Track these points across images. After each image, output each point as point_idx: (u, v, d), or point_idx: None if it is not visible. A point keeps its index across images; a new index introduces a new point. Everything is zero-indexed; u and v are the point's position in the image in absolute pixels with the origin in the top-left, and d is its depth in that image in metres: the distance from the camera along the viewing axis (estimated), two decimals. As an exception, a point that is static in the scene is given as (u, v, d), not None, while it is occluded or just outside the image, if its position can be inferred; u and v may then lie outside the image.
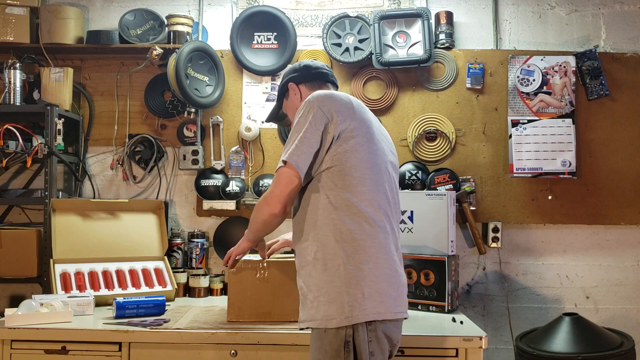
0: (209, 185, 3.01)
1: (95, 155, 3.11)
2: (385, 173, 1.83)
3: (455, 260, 2.60)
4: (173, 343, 2.11)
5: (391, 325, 1.74)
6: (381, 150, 1.84)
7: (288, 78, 2.06)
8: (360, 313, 1.68)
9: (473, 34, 3.08)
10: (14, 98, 2.85)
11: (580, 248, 3.00)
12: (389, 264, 1.75)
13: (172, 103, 3.05)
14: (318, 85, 2.01)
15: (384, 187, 1.81)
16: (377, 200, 1.77)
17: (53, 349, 2.14)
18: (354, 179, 1.74)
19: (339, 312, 1.68)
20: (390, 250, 1.77)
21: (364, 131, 1.79)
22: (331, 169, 1.75)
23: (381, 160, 1.83)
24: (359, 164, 1.75)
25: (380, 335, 1.71)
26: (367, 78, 3.01)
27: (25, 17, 2.94)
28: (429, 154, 2.99)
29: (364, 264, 1.71)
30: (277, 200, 1.75)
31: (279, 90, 2.11)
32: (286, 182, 1.74)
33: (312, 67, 2.04)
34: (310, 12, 3.11)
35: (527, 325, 2.92)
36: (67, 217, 2.74)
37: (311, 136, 1.74)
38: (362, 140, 1.77)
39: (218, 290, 2.87)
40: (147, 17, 3.04)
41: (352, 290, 1.69)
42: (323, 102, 1.78)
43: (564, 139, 2.90)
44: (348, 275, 1.70)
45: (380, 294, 1.71)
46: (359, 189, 1.74)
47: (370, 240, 1.73)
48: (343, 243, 1.72)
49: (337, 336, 1.68)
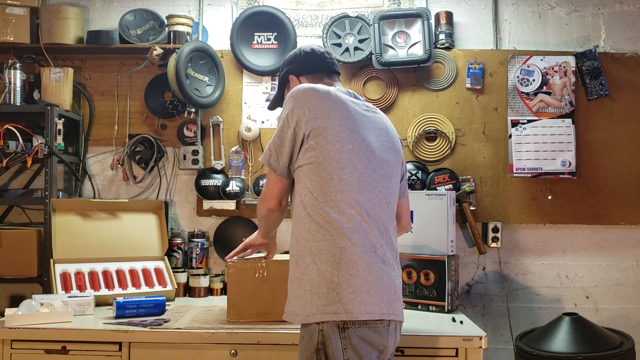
0: (209, 185, 3.01)
1: (96, 155, 3.11)
2: (366, 171, 1.75)
3: (455, 260, 2.60)
4: (173, 343, 2.11)
5: (367, 330, 1.66)
6: (363, 147, 1.77)
7: (288, 69, 2.02)
8: (321, 312, 1.65)
9: (473, 34, 3.08)
10: (14, 98, 2.86)
11: (580, 248, 3.00)
12: (357, 265, 1.67)
13: (172, 103, 3.05)
14: (319, 77, 1.97)
15: (360, 186, 1.73)
16: (348, 198, 1.71)
17: (53, 348, 2.14)
18: (321, 178, 1.71)
19: (302, 310, 1.69)
20: (364, 251, 1.69)
21: (338, 129, 1.73)
22: (303, 167, 1.75)
23: (362, 157, 1.75)
24: (327, 162, 1.71)
25: (356, 342, 1.64)
26: (367, 78, 3.02)
27: (26, 17, 2.94)
28: (429, 154, 2.99)
29: (328, 264, 1.67)
30: (270, 196, 1.85)
31: (280, 79, 2.07)
32: (272, 183, 1.84)
33: (314, 58, 1.98)
34: (310, 12, 3.11)
35: (527, 325, 2.92)
36: (67, 217, 2.74)
37: (285, 135, 1.76)
38: (333, 139, 1.72)
39: (218, 290, 2.88)
40: (147, 17, 3.05)
41: (315, 289, 1.67)
42: (299, 98, 1.76)
43: (563, 139, 2.90)
44: (313, 274, 1.69)
45: (340, 295, 1.65)
46: (325, 189, 1.71)
47: (337, 239, 1.68)
48: (311, 242, 1.71)
49: (310, 342, 1.67)
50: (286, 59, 2.05)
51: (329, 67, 1.99)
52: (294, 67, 2.00)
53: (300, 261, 1.73)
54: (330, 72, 1.99)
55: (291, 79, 2.00)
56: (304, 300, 1.69)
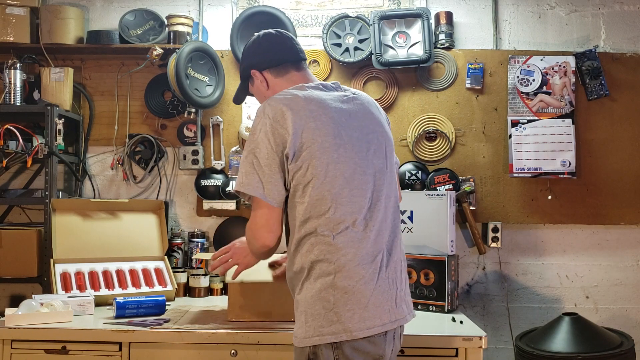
0: (209, 185, 3.01)
1: (96, 155, 3.11)
2: (355, 177, 1.66)
3: (455, 260, 2.61)
4: (173, 343, 2.11)
5: (364, 342, 1.60)
6: (348, 150, 1.67)
7: (249, 63, 1.83)
8: (317, 334, 1.59)
9: (473, 34, 3.08)
10: (14, 98, 2.86)
11: (580, 248, 3.00)
12: (353, 279, 1.61)
13: (172, 103, 3.05)
14: (284, 69, 1.79)
15: (353, 195, 1.65)
16: (339, 213, 1.62)
17: (53, 348, 2.13)
18: (312, 197, 1.62)
19: (301, 332, 1.63)
20: (360, 263, 1.62)
21: (320, 140, 1.62)
22: (292, 187, 1.65)
23: (348, 164, 1.66)
24: (315, 179, 1.61)
25: (349, 353, 1.59)
26: (367, 78, 3.02)
27: (26, 17, 2.94)
28: (429, 154, 2.99)
29: (321, 283, 1.60)
30: (265, 230, 1.67)
31: (241, 73, 1.88)
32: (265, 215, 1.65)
33: (276, 48, 1.80)
34: (310, 12, 3.11)
35: (527, 325, 2.92)
36: (68, 217, 2.74)
37: (272, 162, 1.62)
38: (318, 153, 1.61)
39: (218, 290, 2.88)
40: (147, 17, 3.05)
41: (310, 310, 1.61)
42: (275, 117, 1.63)
43: (563, 139, 2.90)
44: (307, 295, 1.63)
45: (337, 313, 1.59)
46: (318, 208, 1.62)
47: (329, 257, 1.61)
48: (303, 263, 1.64)
49: (302, 354, 1.64)
50: (245, 49, 1.86)
51: (293, 56, 1.81)
52: (255, 60, 1.81)
53: (295, 283, 1.69)
54: (297, 61, 1.81)
55: (254, 75, 1.83)
56: (300, 321, 1.64)
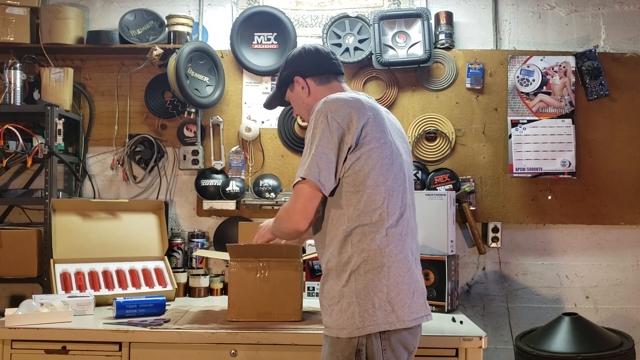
0: (209, 185, 3.01)
1: (96, 155, 3.11)
2: (400, 175, 1.77)
3: (455, 260, 2.61)
4: (173, 343, 2.11)
5: (406, 333, 1.70)
6: (396, 150, 1.79)
7: (293, 70, 1.95)
8: (372, 324, 1.66)
9: (473, 34, 3.08)
10: (14, 98, 2.86)
11: (580, 248, 3.00)
12: (401, 271, 1.71)
13: (172, 103, 3.05)
14: (326, 79, 1.92)
15: (398, 191, 1.75)
16: (391, 205, 1.73)
17: (53, 348, 2.13)
18: (368, 187, 1.70)
19: (350, 323, 1.67)
20: (406, 256, 1.73)
21: (378, 135, 1.73)
22: (346, 178, 1.72)
23: (396, 161, 1.77)
24: (372, 170, 1.71)
25: (395, 344, 1.68)
26: (367, 78, 3.02)
27: (26, 17, 2.94)
28: (429, 154, 2.99)
29: (373, 274, 1.68)
30: (302, 216, 1.72)
31: (282, 79, 1.98)
32: (308, 199, 1.71)
33: (320, 59, 1.93)
34: (310, 12, 3.11)
35: (526, 325, 2.92)
36: (68, 217, 2.74)
37: (329, 151, 1.69)
38: (375, 145, 1.72)
39: (218, 290, 2.88)
40: (147, 17, 3.05)
41: (362, 301, 1.67)
42: (336, 111, 1.72)
43: (563, 139, 2.90)
44: (358, 286, 1.68)
45: (391, 303, 1.67)
46: (372, 197, 1.71)
47: (382, 248, 1.70)
48: (354, 253, 1.70)
49: (350, 344, 1.67)
50: (289, 58, 1.98)
51: (335, 68, 1.95)
52: (300, 68, 1.94)
53: (342, 274, 1.71)
54: (337, 74, 1.95)
55: (296, 81, 1.94)
56: (349, 313, 1.67)
